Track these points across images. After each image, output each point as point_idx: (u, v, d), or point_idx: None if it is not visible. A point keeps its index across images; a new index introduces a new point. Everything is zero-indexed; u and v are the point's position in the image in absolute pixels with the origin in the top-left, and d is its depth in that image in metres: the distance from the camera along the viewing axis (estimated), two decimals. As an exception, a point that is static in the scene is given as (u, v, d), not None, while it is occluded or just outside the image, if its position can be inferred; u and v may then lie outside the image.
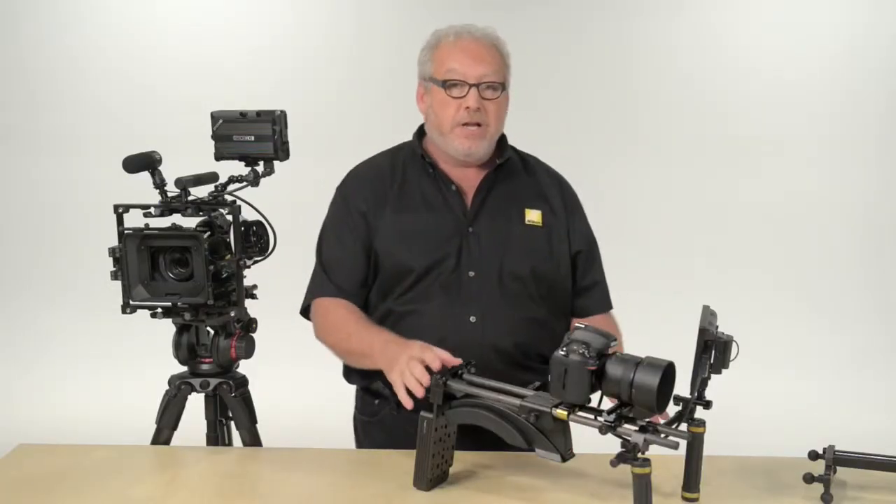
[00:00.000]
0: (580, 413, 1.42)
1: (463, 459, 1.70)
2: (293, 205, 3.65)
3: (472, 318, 1.85)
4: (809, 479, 1.54)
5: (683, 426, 1.49)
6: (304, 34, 4.68)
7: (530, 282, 1.89)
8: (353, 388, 2.05)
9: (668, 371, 1.36)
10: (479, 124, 1.85)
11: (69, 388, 4.42)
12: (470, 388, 1.54)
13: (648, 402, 1.35)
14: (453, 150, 1.88)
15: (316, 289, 1.97)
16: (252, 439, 2.10)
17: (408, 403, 1.59)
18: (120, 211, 1.90)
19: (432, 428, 1.54)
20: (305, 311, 2.00)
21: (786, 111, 4.68)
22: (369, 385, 1.95)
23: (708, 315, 1.51)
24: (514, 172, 1.98)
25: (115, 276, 1.93)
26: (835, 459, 1.56)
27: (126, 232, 1.90)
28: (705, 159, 4.72)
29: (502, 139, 1.98)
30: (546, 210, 1.95)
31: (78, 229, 4.57)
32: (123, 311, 1.94)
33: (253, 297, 2.08)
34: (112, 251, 1.93)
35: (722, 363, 1.49)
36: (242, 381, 2.11)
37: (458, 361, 1.58)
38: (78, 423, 4.00)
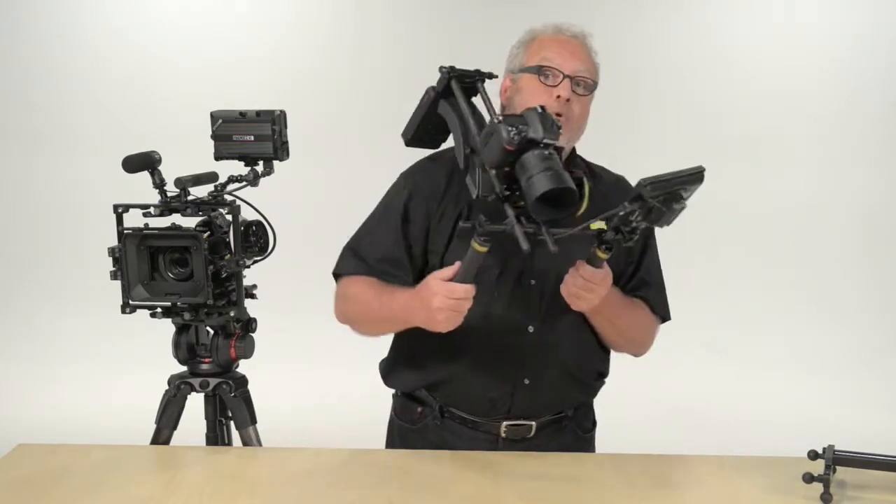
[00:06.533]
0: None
1: (463, 459, 1.70)
2: (293, 205, 3.65)
3: (531, 328, 1.79)
4: (809, 478, 1.54)
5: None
6: (305, 34, 4.68)
7: None
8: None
9: (566, 195, 1.43)
10: (562, 116, 1.72)
11: (69, 388, 4.41)
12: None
13: (529, 199, 1.42)
14: None
15: (339, 264, 1.86)
16: (252, 439, 2.10)
17: (457, 321, 1.60)
18: (119, 211, 1.90)
19: (429, 97, 1.70)
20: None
21: (786, 111, 4.68)
22: (413, 391, 1.88)
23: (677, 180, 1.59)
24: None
25: (114, 276, 1.93)
26: (834, 459, 1.56)
27: (125, 232, 1.89)
28: (705, 159, 4.66)
29: (573, 153, 1.88)
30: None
31: (77, 229, 4.57)
32: (123, 311, 1.94)
33: (252, 296, 2.08)
34: (112, 251, 1.93)
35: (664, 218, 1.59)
36: (242, 381, 2.11)
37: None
38: (78, 423, 4.00)
